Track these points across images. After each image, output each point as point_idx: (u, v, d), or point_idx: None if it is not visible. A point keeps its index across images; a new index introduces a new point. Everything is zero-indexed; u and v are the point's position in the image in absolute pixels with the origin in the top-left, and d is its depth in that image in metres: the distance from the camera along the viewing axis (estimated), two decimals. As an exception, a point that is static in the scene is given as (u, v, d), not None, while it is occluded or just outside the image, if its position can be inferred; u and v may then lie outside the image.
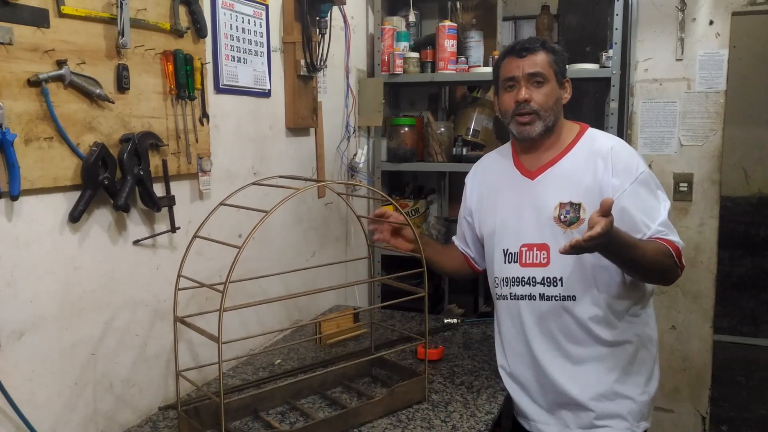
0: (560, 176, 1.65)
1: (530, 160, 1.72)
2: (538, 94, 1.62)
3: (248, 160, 2.01)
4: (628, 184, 1.57)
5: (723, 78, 2.87)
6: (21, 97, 1.25)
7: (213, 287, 1.33)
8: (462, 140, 2.93)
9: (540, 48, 1.64)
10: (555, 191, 1.63)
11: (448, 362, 1.96)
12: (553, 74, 1.64)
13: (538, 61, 1.63)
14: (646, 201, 1.59)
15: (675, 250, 1.55)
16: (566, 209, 1.61)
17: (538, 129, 1.63)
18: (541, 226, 1.64)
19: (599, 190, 1.58)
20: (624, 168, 1.59)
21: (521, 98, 1.62)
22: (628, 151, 1.65)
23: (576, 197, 1.60)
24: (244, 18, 1.93)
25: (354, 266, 2.75)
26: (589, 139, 1.69)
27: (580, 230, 1.54)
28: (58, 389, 1.39)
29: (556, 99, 1.65)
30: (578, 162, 1.64)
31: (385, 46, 2.82)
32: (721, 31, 2.86)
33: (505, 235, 1.72)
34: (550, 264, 1.64)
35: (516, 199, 1.71)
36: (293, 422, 1.56)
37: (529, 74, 1.62)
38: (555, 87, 1.65)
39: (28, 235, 1.29)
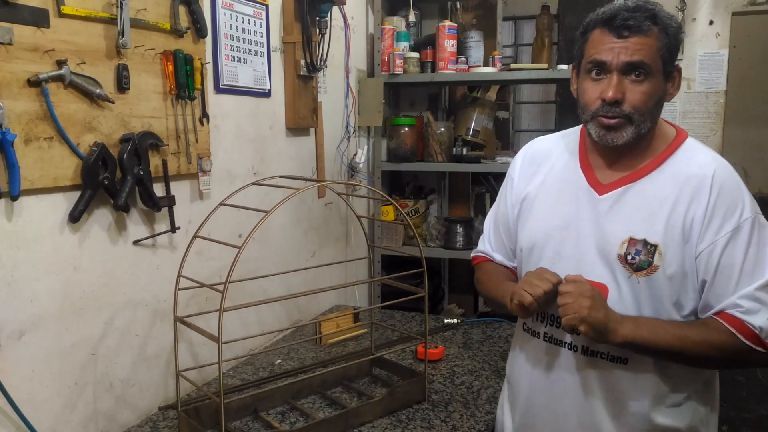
0: (638, 201, 1.23)
1: (604, 167, 1.29)
2: (635, 93, 1.19)
3: (248, 160, 2.01)
4: (721, 236, 1.17)
5: (723, 78, 2.87)
6: (21, 97, 1.25)
7: (213, 287, 1.33)
8: (462, 140, 2.93)
9: (650, 26, 1.17)
10: (626, 220, 1.23)
11: (448, 362, 1.96)
12: (661, 64, 1.19)
13: (642, 46, 1.17)
14: (737, 267, 1.17)
15: (747, 334, 1.15)
16: (636, 248, 1.21)
17: (626, 137, 1.21)
18: (602, 261, 1.24)
19: (683, 233, 1.19)
20: (725, 209, 1.18)
21: (610, 97, 1.18)
22: (736, 183, 1.21)
23: (653, 235, 1.20)
24: (244, 18, 1.93)
25: (354, 266, 2.75)
26: (685, 154, 1.25)
27: (650, 279, 1.19)
28: (58, 389, 1.39)
29: (659, 98, 1.22)
30: (666, 186, 1.22)
31: (385, 46, 2.82)
32: (721, 31, 2.86)
33: (549, 254, 1.31)
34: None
35: (572, 214, 1.29)
36: (293, 422, 1.56)
37: (628, 64, 1.18)
38: (660, 82, 1.21)
39: (28, 235, 1.29)
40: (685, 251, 1.19)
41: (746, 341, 1.15)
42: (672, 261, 1.19)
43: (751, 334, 1.15)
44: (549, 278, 1.21)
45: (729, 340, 1.16)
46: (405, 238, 2.94)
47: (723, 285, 1.18)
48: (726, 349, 1.17)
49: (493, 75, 2.77)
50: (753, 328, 1.15)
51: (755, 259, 1.18)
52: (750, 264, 1.17)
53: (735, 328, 1.16)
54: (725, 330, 1.16)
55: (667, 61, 1.20)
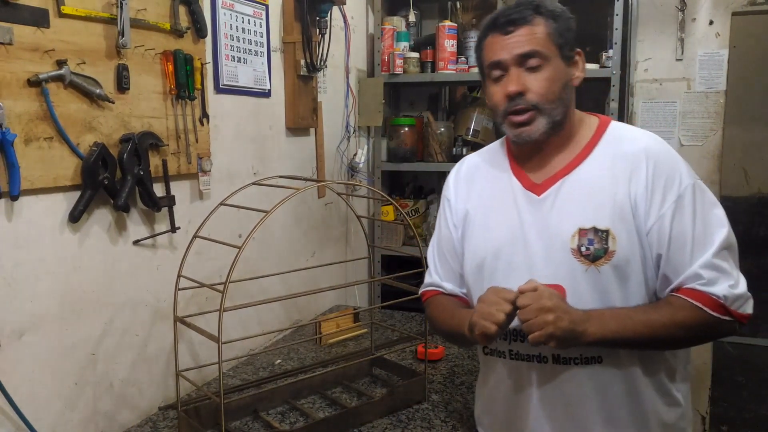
0: (578, 191, 1.21)
1: (534, 167, 1.26)
2: (536, 81, 1.18)
3: (248, 160, 2.01)
4: (666, 208, 1.16)
5: (723, 78, 2.87)
6: (21, 97, 1.25)
7: (213, 287, 1.33)
8: (462, 140, 2.93)
9: (532, 15, 1.19)
10: (572, 212, 1.20)
11: (448, 362, 1.96)
12: (556, 49, 1.20)
13: (531, 36, 1.19)
14: (686, 231, 1.16)
15: (712, 305, 1.12)
16: (589, 238, 1.17)
17: (541, 128, 1.20)
18: (555, 261, 1.19)
19: (631, 211, 1.17)
20: (663, 180, 1.17)
21: (512, 91, 1.18)
22: (669, 154, 1.22)
23: (602, 221, 1.17)
24: (244, 18, 1.93)
25: (354, 266, 2.75)
26: (614, 136, 1.25)
27: (612, 265, 1.16)
28: (58, 389, 1.39)
29: (563, 83, 1.21)
30: (601, 169, 1.21)
31: (385, 46, 2.82)
32: (721, 31, 2.86)
33: (501, 269, 1.25)
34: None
35: (516, 222, 1.25)
36: (293, 422, 1.56)
37: (520, 56, 1.18)
38: (560, 66, 1.20)
39: (28, 235, 1.29)
40: (634, 229, 1.17)
41: (713, 312, 1.13)
42: (626, 241, 1.16)
43: (717, 304, 1.13)
44: (505, 298, 1.12)
45: (696, 315, 1.13)
46: (405, 238, 2.94)
47: (678, 256, 1.15)
48: (695, 325, 1.14)
49: (493, 75, 2.77)
50: (717, 298, 1.12)
51: (704, 224, 1.16)
52: (700, 230, 1.16)
53: (700, 302, 1.13)
54: (690, 305, 1.13)
55: (561, 45, 1.21)
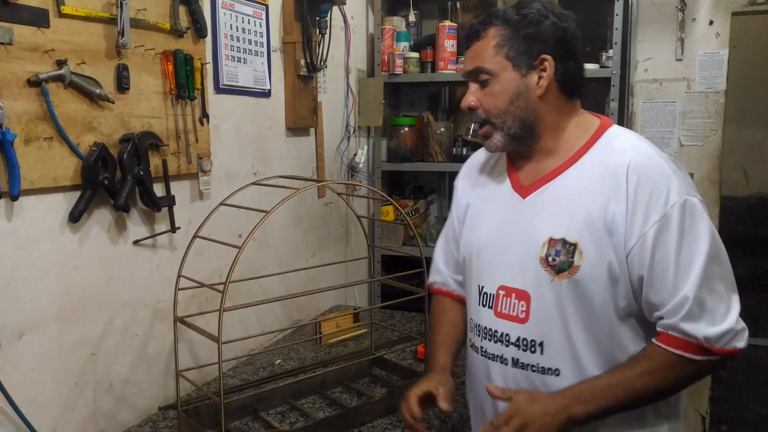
0: (558, 198, 1.18)
1: (527, 170, 1.25)
2: (484, 97, 1.20)
3: (248, 160, 2.01)
4: (648, 228, 1.08)
5: (723, 78, 2.87)
6: (21, 97, 1.25)
7: (213, 287, 1.33)
8: (462, 140, 2.92)
9: (482, 29, 1.19)
10: (549, 219, 1.17)
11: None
12: (505, 61, 1.16)
13: (477, 51, 1.19)
14: (670, 257, 1.08)
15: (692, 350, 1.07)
16: (556, 249, 1.14)
17: (498, 142, 1.21)
18: (526, 267, 1.18)
19: (604, 228, 1.11)
20: (647, 198, 1.09)
21: (463, 106, 1.23)
22: (657, 168, 1.11)
23: (572, 233, 1.13)
24: (244, 18, 1.93)
25: (354, 266, 2.75)
26: (606, 144, 1.18)
27: (574, 280, 1.12)
28: (58, 389, 1.38)
29: (515, 95, 1.17)
30: (584, 179, 1.16)
31: (385, 46, 2.82)
32: (721, 31, 2.86)
33: (483, 266, 1.27)
34: (529, 321, 1.18)
35: (501, 221, 1.25)
36: (293, 422, 1.56)
37: (469, 73, 1.22)
38: (510, 78, 1.17)
39: (28, 235, 1.29)
40: (611, 247, 1.11)
41: (694, 356, 1.08)
42: (594, 259, 1.11)
43: (697, 347, 1.07)
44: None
45: (677, 362, 1.08)
46: (405, 238, 2.94)
47: (660, 282, 1.09)
48: (676, 372, 1.10)
49: (493, 75, 2.77)
50: (697, 341, 1.07)
51: (690, 249, 1.08)
52: (685, 255, 1.08)
53: (679, 349, 1.08)
54: (669, 354, 1.08)
55: (515, 53, 1.16)
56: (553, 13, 1.18)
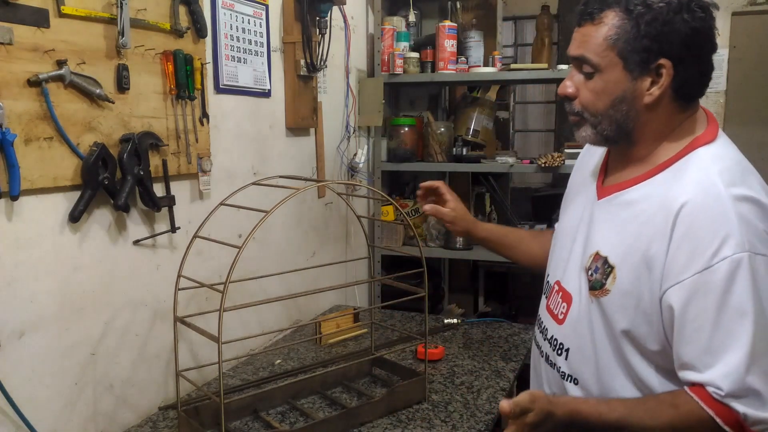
0: (620, 212, 1.09)
1: (613, 170, 1.17)
2: (584, 91, 1.07)
3: (248, 160, 2.01)
4: (686, 277, 0.96)
5: (723, 78, 2.87)
6: (21, 97, 1.25)
7: (213, 287, 1.33)
8: (462, 140, 2.93)
9: (600, 11, 1.02)
10: (605, 231, 1.10)
11: (448, 362, 1.96)
12: (617, 58, 1.01)
13: (587, 37, 1.03)
14: (709, 318, 0.95)
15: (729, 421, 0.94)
16: (596, 265, 1.09)
17: (587, 136, 1.11)
18: (576, 270, 1.15)
19: (644, 262, 1.02)
20: (693, 245, 0.96)
21: (560, 92, 1.11)
22: (717, 215, 0.95)
23: (614, 255, 1.06)
24: (244, 18, 1.93)
25: (354, 266, 2.75)
26: (682, 167, 1.04)
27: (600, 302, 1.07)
28: (58, 389, 1.39)
29: (619, 99, 1.04)
30: (647, 201, 1.05)
31: (385, 46, 2.82)
32: (721, 31, 2.85)
33: (554, 255, 1.26)
34: (564, 324, 1.16)
35: (577, 215, 1.20)
36: (293, 422, 1.56)
37: (572, 57, 1.08)
38: (617, 78, 1.03)
39: (28, 235, 1.29)
40: (644, 284, 1.02)
41: (725, 427, 0.95)
42: (623, 288, 1.04)
43: (734, 419, 0.94)
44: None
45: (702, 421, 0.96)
46: (405, 238, 2.94)
47: (693, 339, 0.97)
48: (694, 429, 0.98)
49: (493, 75, 2.77)
50: (737, 414, 0.94)
51: (737, 314, 0.93)
52: (729, 319, 0.93)
53: (713, 410, 0.95)
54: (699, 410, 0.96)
55: (630, 52, 1.00)
56: (688, 7, 0.99)
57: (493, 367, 1.91)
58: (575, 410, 1.02)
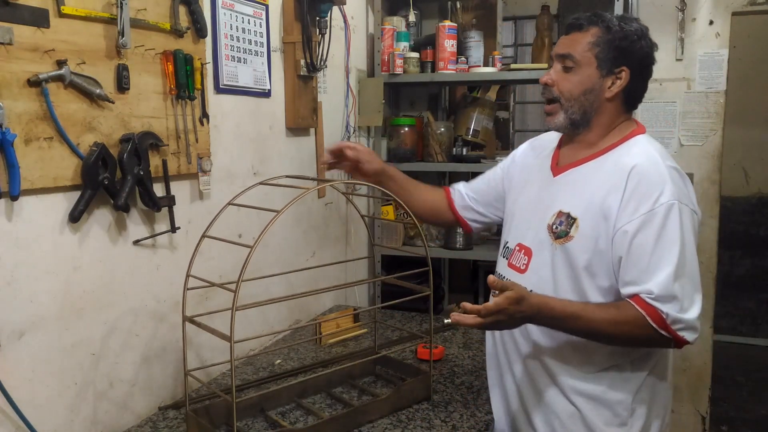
0: (578, 182, 1.41)
1: (566, 153, 1.48)
2: (563, 80, 1.39)
3: (248, 160, 2.01)
4: (635, 218, 1.28)
5: (723, 78, 2.87)
6: (21, 97, 1.25)
7: (224, 286, 1.34)
8: (462, 140, 2.93)
9: (586, 24, 1.38)
10: (566, 197, 1.41)
11: (448, 362, 1.96)
12: (593, 58, 1.36)
13: (574, 41, 1.37)
14: (648, 246, 1.27)
15: (656, 319, 1.25)
16: (560, 220, 1.39)
17: (559, 121, 1.41)
18: (537, 229, 1.44)
19: (601, 212, 1.33)
20: (640, 195, 1.29)
21: (542, 80, 1.42)
22: (656, 173, 1.30)
23: (576, 210, 1.37)
24: (244, 18, 1.93)
25: (354, 266, 2.75)
26: (627, 147, 1.39)
27: (565, 247, 1.36)
28: (58, 389, 1.38)
29: (588, 89, 1.37)
30: (600, 171, 1.38)
31: (385, 46, 2.82)
32: (721, 31, 2.86)
33: (512, 226, 1.54)
34: (527, 271, 1.45)
35: (535, 193, 1.50)
36: (299, 421, 1.56)
37: (558, 55, 1.40)
38: (592, 75, 1.36)
39: (28, 235, 1.29)
40: (601, 228, 1.32)
41: (653, 324, 1.25)
42: (585, 233, 1.34)
43: (660, 318, 1.25)
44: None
45: (638, 322, 1.26)
46: (405, 238, 2.94)
47: (636, 266, 1.28)
48: (633, 329, 1.27)
49: (493, 75, 2.77)
50: (661, 313, 1.25)
51: (669, 243, 1.26)
52: (662, 247, 1.26)
53: (645, 311, 1.26)
54: (635, 312, 1.26)
55: (604, 57, 1.35)
56: (645, 37, 1.38)
57: (493, 367, 1.90)
58: (545, 300, 1.32)
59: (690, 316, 1.26)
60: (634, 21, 1.39)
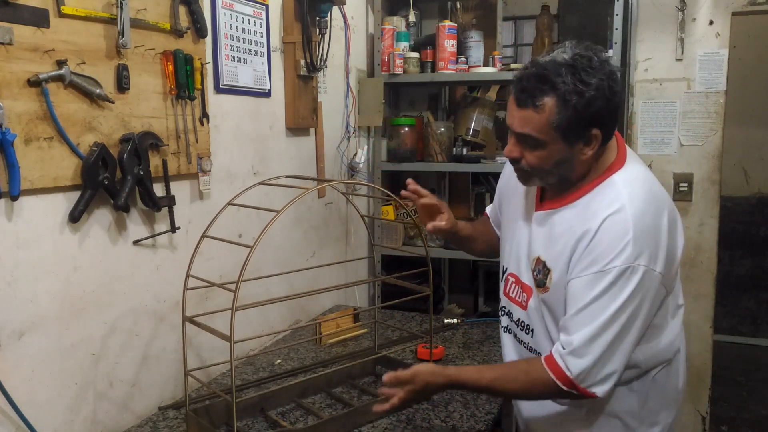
0: (555, 228, 1.33)
1: (549, 193, 1.39)
2: (529, 156, 1.27)
3: (248, 160, 2.01)
4: (585, 274, 1.23)
5: (723, 78, 2.87)
6: (21, 97, 1.25)
7: (224, 286, 1.34)
8: (462, 140, 2.93)
9: (540, 97, 1.20)
10: (544, 243, 1.35)
11: (448, 362, 1.96)
12: (557, 137, 1.22)
13: (530, 121, 1.22)
14: (586, 300, 1.22)
15: (562, 379, 1.23)
16: (539, 268, 1.35)
17: (536, 183, 1.36)
18: (527, 270, 1.40)
19: (567, 263, 1.28)
20: (598, 252, 1.22)
21: (506, 154, 1.32)
22: (620, 232, 1.21)
23: (550, 261, 1.32)
24: (244, 18, 1.93)
25: (353, 266, 2.75)
26: (602, 192, 1.28)
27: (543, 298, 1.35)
28: (58, 389, 1.38)
29: (560, 160, 1.26)
30: (575, 218, 1.29)
31: (385, 46, 2.82)
32: (721, 31, 2.86)
33: (506, 251, 1.50)
34: (527, 310, 1.40)
35: (520, 224, 1.44)
36: (299, 421, 1.56)
37: (518, 134, 1.27)
38: (559, 148, 1.24)
39: (28, 235, 1.29)
40: (565, 278, 1.28)
41: (560, 383, 1.24)
42: (558, 284, 1.30)
43: (564, 377, 1.23)
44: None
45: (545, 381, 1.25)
46: (405, 238, 2.94)
47: (571, 312, 1.25)
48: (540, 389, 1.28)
49: (493, 75, 2.77)
50: (567, 372, 1.22)
51: (605, 303, 1.21)
52: (598, 306, 1.21)
53: (554, 372, 1.24)
54: (543, 372, 1.26)
55: (569, 130, 1.21)
56: (609, 80, 1.21)
57: (493, 367, 1.90)
58: (455, 377, 1.34)
59: (603, 372, 1.22)
60: (590, 70, 1.20)
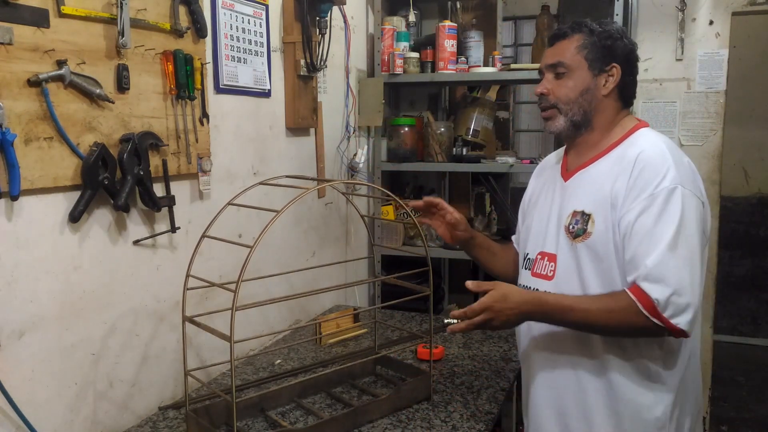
0: (588, 181, 1.43)
1: (573, 158, 1.51)
2: (558, 87, 1.43)
3: (248, 160, 2.01)
4: (637, 202, 1.31)
5: (723, 78, 2.87)
6: (21, 97, 1.25)
7: (224, 286, 1.34)
8: (462, 140, 2.93)
9: (570, 32, 1.44)
10: (579, 197, 1.43)
11: (448, 362, 1.96)
12: (583, 61, 1.41)
13: (562, 49, 1.43)
14: (646, 228, 1.29)
15: (647, 306, 1.25)
16: (576, 218, 1.41)
17: (560, 124, 1.45)
18: (558, 234, 1.45)
19: (611, 202, 1.36)
20: (644, 180, 1.32)
21: (536, 92, 1.47)
22: (660, 159, 1.33)
23: (589, 207, 1.39)
24: (244, 18, 1.93)
25: (354, 266, 2.75)
26: (632, 141, 1.42)
27: (586, 244, 1.37)
28: (58, 389, 1.38)
29: (584, 90, 1.42)
30: (607, 166, 1.41)
31: (385, 46, 2.82)
32: (721, 31, 2.86)
33: (530, 238, 1.55)
34: (555, 278, 1.44)
35: (549, 201, 1.52)
36: (299, 421, 1.56)
37: (549, 65, 1.45)
38: (584, 76, 1.42)
39: (28, 235, 1.29)
40: (611, 218, 1.34)
41: (644, 310, 1.26)
42: (601, 227, 1.36)
43: (649, 304, 1.25)
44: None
45: (628, 307, 1.27)
46: (405, 238, 2.94)
47: (633, 245, 1.30)
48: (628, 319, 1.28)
49: (493, 75, 2.77)
50: (652, 299, 1.25)
51: (665, 224, 1.28)
52: (659, 230, 1.28)
53: (636, 297, 1.27)
54: (627, 298, 1.28)
55: (593, 58, 1.41)
56: (626, 36, 1.45)
57: (493, 367, 1.91)
58: (536, 295, 1.38)
59: (682, 300, 1.25)
60: (612, 22, 1.48)
